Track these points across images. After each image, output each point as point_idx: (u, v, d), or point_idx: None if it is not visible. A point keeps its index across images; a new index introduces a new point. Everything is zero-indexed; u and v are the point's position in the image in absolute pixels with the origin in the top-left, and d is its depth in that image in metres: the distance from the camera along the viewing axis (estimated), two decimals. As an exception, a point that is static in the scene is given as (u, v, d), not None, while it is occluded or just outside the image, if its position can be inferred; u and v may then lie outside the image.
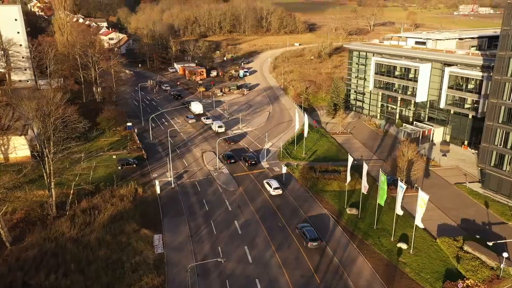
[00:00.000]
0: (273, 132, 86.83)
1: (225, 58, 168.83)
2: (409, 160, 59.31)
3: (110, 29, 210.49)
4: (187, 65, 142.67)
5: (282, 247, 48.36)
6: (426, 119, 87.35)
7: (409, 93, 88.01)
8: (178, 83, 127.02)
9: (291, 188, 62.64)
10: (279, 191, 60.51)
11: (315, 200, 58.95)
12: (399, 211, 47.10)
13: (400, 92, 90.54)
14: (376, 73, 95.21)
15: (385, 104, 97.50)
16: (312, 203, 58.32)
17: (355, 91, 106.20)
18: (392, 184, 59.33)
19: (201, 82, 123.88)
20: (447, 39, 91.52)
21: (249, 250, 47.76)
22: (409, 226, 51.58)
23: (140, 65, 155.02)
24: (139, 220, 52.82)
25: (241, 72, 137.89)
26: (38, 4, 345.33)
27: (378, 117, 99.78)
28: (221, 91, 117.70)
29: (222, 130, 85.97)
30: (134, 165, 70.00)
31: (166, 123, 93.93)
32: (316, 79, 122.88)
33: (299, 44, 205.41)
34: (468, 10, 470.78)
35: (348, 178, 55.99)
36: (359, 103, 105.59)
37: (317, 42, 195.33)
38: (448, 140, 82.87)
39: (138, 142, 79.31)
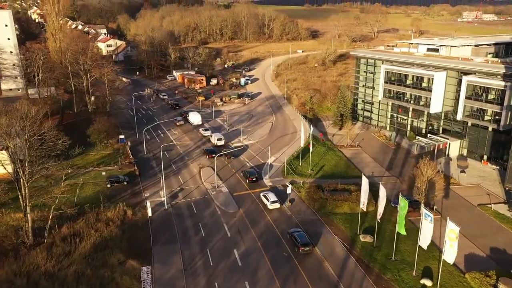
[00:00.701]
0: (276, 145, 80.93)
1: (225, 66, 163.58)
2: (429, 180, 53.22)
3: (109, 35, 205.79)
4: (186, 72, 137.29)
5: (288, 282, 42.22)
6: (440, 131, 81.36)
7: (422, 103, 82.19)
8: (177, 91, 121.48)
9: (297, 210, 56.53)
10: (277, 205, 56.11)
11: (324, 224, 52.82)
12: (424, 243, 40.91)
13: (412, 102, 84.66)
14: (385, 82, 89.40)
15: (395, 114, 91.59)
16: (320, 228, 52.20)
17: (362, 101, 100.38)
18: (409, 206, 53.26)
19: (200, 90, 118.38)
20: (462, 46, 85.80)
21: (250, 287, 41.61)
22: (432, 257, 45.47)
23: (137, 72, 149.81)
24: (126, 249, 46.78)
25: (242, 80, 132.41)
26: (38, 11, 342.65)
27: (388, 128, 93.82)
28: (221, 100, 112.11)
29: (221, 143, 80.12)
30: (125, 183, 64.12)
31: (162, 135, 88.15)
32: (320, 88, 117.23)
33: (302, 51, 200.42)
34: (472, 17, 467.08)
35: (364, 204, 49.80)
36: (367, 113, 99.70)
37: (320, 49, 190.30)
38: (465, 154, 76.83)
39: (131, 156, 73.43)
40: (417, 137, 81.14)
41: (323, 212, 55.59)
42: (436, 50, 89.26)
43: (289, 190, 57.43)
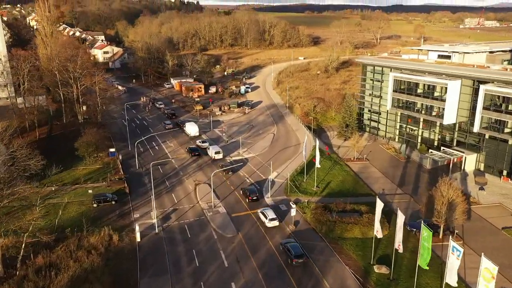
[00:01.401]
0: (279, 159, 75.44)
1: (225, 73, 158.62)
2: (450, 202, 47.59)
3: (106, 42, 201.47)
4: (184, 80, 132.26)
5: (294, 325, 36.49)
6: (454, 144, 75.84)
7: (434, 113, 76.85)
8: (173, 100, 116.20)
9: (302, 234, 50.87)
10: (275, 223, 51.65)
11: (333, 252, 47.11)
12: (452, 280, 35.21)
13: (423, 112, 79.28)
14: (394, 91, 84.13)
15: (404, 125, 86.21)
16: (328, 256, 46.51)
17: (369, 110, 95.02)
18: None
19: (198, 99, 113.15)
20: (476, 52, 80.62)
21: (250, 331, 35.93)
22: (458, 293, 39.62)
23: (134, 80, 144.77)
24: (109, 282, 41.13)
25: (242, 88, 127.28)
26: (37, 18, 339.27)
27: (397, 140, 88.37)
28: (220, 109, 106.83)
29: (219, 156, 74.65)
30: (113, 202, 58.55)
31: (156, 147, 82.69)
32: (324, 96, 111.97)
33: (304, 58, 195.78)
34: (474, 24, 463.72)
35: (378, 230, 44.17)
36: (374, 124, 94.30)
37: (322, 56, 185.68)
38: (482, 169, 71.25)
39: (121, 172, 67.90)
40: (430, 150, 75.53)
41: (331, 237, 49.93)
42: (448, 57, 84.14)
43: (293, 212, 51.77)
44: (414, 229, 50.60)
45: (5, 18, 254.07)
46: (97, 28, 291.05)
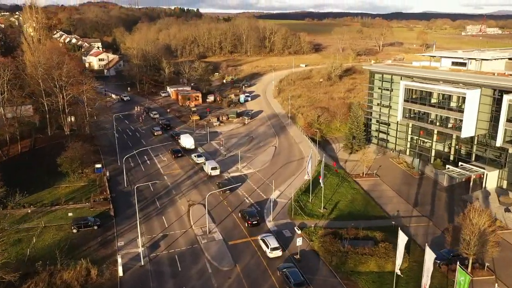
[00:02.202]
0: (281, 175, 69.01)
1: (224, 81, 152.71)
2: (480, 231, 41.06)
3: (102, 49, 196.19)
4: (181, 88, 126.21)
5: None
6: (472, 158, 69.46)
7: (450, 125, 70.63)
8: (169, 110, 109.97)
9: (310, 267, 44.30)
10: (278, 253, 45.73)
11: (346, 290, 40.57)
12: None
13: (438, 124, 73.06)
14: (405, 100, 77.96)
15: (416, 137, 79.95)
16: (341, 295, 39.97)
17: (377, 121, 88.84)
18: (452, 262, 41.64)
19: (195, 108, 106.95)
20: (495, 59, 74.56)
21: None
22: None
23: (129, 88, 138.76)
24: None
25: (242, 97, 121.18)
26: (34, 25, 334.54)
27: (408, 153, 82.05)
28: (218, 119, 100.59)
29: (216, 172, 68.22)
30: (95, 227, 52.05)
31: (148, 161, 76.27)
32: (328, 106, 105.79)
33: (306, 65, 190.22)
34: (476, 31, 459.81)
35: (399, 266, 37.68)
36: (382, 135, 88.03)
37: (324, 63, 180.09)
38: (505, 186, 64.77)
39: (107, 191, 61.44)
40: (447, 166, 69.05)
41: (343, 270, 43.36)
42: (463, 64, 77.96)
43: (299, 242, 45.20)
44: (439, 261, 44.02)
45: (2, 25, 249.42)
46: (94, 35, 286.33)
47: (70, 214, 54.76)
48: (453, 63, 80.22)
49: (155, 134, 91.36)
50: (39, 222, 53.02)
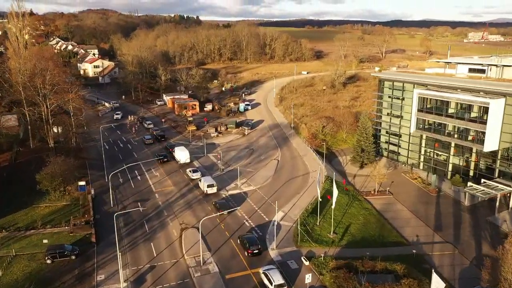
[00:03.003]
0: (285, 193, 62.47)
1: (223, 89, 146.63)
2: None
3: (98, 56, 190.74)
4: (177, 97, 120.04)
5: None
6: (495, 174, 63.01)
7: (470, 138, 64.34)
8: (163, 119, 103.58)
9: (321, 308, 37.67)
10: None
11: None
12: None
13: (456, 136, 66.80)
14: (419, 110, 71.81)
15: (430, 150, 73.65)
16: None
17: (387, 132, 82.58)
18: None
19: (191, 118, 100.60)
20: (517, 66, 68.47)
21: None
22: None
23: (123, 96, 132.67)
24: None
25: (242, 106, 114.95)
26: (30, 32, 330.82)
27: (421, 167, 75.69)
28: (216, 130, 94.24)
29: (213, 190, 61.69)
30: (73, 257, 45.39)
31: (139, 177, 69.72)
32: (334, 115, 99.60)
33: (307, 73, 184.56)
34: (478, 38, 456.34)
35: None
36: (393, 147, 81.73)
37: (327, 70, 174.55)
38: (534, 207, 58.28)
39: (91, 212, 54.88)
40: (469, 183, 62.53)
41: (360, 314, 36.70)
42: (482, 71, 71.99)
43: (308, 279, 38.57)
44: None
45: None
46: (92, 42, 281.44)
47: (45, 241, 48.09)
48: (471, 70, 74.23)
49: (146, 143, 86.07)
50: (10, 250, 46.41)
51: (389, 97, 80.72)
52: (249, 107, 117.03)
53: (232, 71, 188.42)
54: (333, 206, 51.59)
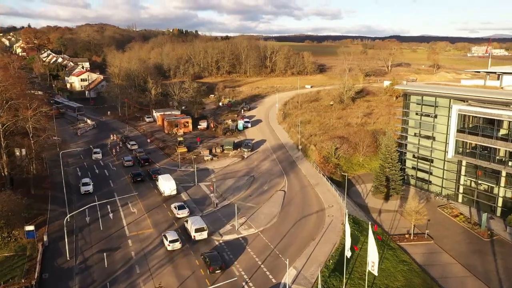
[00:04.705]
0: (296, 240, 48.34)
1: (220, 104, 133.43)
2: None
3: (86, 68, 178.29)
4: (168, 113, 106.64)
5: None
6: None
7: (531, 167, 50.76)
8: (149, 140, 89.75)
9: None
10: None
11: None
12: None
13: (511, 164, 53.18)
14: (460, 131, 58.41)
15: (471, 179, 59.94)
16: None
17: (414, 156, 69.08)
18: None
19: (182, 138, 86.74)
20: None
21: None
22: None
23: (109, 112, 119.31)
24: None
25: (240, 123, 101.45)
26: (22, 45, 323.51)
27: (460, 200, 61.90)
28: (210, 152, 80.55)
29: (203, 236, 47.61)
30: None
31: (111, 214, 55.50)
32: (346, 134, 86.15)
33: (311, 86, 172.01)
34: (482, 52, 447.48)
35: None
36: (422, 174, 68.11)
37: (332, 84, 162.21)
38: None
39: (37, 269, 40.68)
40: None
41: None
42: (535, 83, 58.96)
43: None
44: None
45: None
46: (86, 55, 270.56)
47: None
48: (519, 82, 61.24)
49: (125, 165, 73.69)
50: None
51: (417, 114, 67.50)
52: (249, 125, 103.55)
53: (230, 85, 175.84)
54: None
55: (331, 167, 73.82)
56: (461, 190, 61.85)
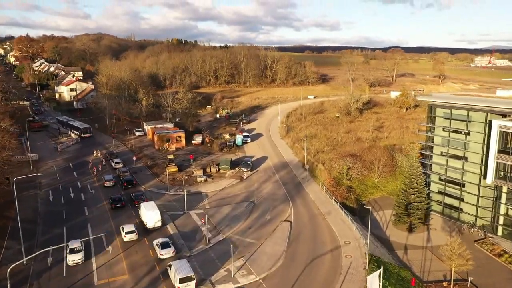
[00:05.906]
0: (307, 291, 38.28)
1: (217, 115, 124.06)
2: None
3: (76, 78, 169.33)
4: (159, 126, 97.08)
5: None
6: None
7: None
8: (136, 156, 79.83)
9: None
10: None
11: None
12: None
13: None
14: (502, 151, 48.80)
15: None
16: None
17: (440, 179, 59.42)
18: None
19: (172, 156, 76.94)
20: None
21: None
22: None
23: (96, 124, 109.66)
24: None
25: (239, 138, 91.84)
26: (16, 54, 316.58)
27: (499, 233, 52.05)
28: (204, 172, 70.74)
29: (190, 286, 37.49)
30: None
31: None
32: (358, 151, 76.58)
33: (314, 97, 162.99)
34: (485, 62, 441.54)
35: None
36: (450, 200, 58.38)
37: (336, 95, 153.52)
38: None
39: None
40: None
41: None
42: None
43: None
44: None
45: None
46: (81, 64, 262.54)
47: None
48: None
49: (105, 185, 64.71)
50: None
51: (444, 130, 58.03)
52: (249, 139, 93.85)
53: (229, 95, 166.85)
54: None
55: (343, 190, 64.06)
56: (500, 221, 52.07)
